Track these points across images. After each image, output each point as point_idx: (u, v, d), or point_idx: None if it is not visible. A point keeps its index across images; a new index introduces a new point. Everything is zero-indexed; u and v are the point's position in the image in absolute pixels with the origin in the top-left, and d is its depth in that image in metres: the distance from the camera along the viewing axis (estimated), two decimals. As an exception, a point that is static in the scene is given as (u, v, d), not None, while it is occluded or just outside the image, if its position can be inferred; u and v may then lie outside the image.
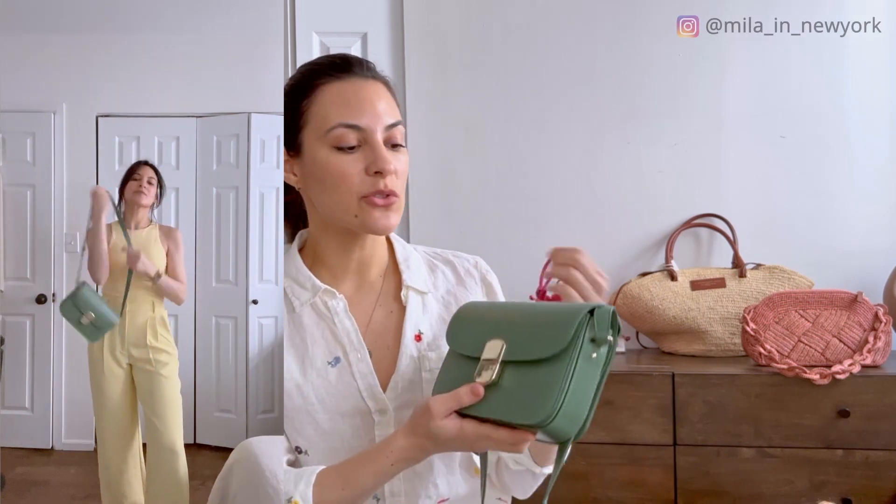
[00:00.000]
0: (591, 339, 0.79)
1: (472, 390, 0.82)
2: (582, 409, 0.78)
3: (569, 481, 1.68)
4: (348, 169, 0.94)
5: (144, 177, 1.85)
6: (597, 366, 0.79)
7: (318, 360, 0.99)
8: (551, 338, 0.80)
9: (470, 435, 0.82)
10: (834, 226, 2.02)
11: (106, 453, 1.77)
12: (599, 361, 0.79)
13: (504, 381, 0.82)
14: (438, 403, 0.84)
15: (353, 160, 0.94)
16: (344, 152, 0.94)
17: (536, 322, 0.84)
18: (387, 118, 0.96)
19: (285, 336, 1.01)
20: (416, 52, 2.19)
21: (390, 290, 1.05)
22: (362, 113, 0.95)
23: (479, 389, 0.82)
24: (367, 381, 0.99)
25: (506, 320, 0.87)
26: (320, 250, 1.03)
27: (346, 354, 0.99)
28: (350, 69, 0.97)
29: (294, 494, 0.89)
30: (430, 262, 1.10)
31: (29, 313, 2.06)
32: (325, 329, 1.00)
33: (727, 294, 1.90)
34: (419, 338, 1.03)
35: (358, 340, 1.00)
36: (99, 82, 2.06)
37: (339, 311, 1.00)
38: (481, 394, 0.82)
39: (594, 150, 2.11)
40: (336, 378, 0.98)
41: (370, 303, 1.04)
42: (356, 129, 0.94)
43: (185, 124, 2.10)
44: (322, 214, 1.00)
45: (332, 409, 0.97)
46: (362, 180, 0.94)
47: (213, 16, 2.07)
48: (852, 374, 1.60)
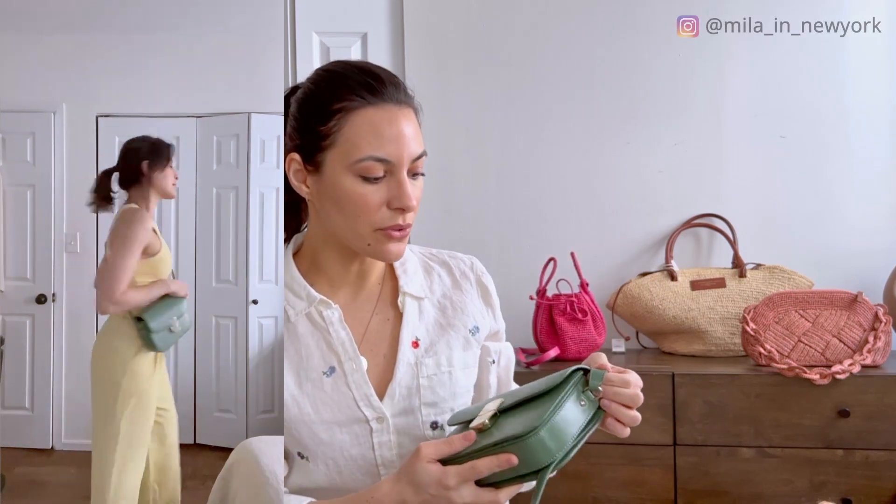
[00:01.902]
0: (582, 391, 0.85)
1: (465, 436, 0.85)
2: (564, 438, 0.81)
3: (569, 481, 1.68)
4: (370, 200, 0.92)
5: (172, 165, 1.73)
6: (584, 413, 0.84)
7: (313, 371, 0.98)
8: (544, 382, 0.86)
9: (452, 477, 0.83)
10: (834, 226, 2.02)
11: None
12: (587, 411, 0.84)
13: (496, 425, 0.86)
14: (429, 446, 0.86)
15: (375, 190, 0.92)
16: (369, 182, 0.92)
17: (532, 382, 0.89)
18: (414, 149, 0.93)
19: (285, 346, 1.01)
20: (416, 52, 2.19)
21: (387, 296, 1.05)
22: (392, 145, 0.91)
23: (472, 434, 0.85)
24: (362, 390, 0.98)
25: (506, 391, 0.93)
26: (320, 260, 1.02)
27: (340, 364, 0.98)
28: (384, 94, 0.93)
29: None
30: (426, 264, 1.09)
31: (29, 313, 2.06)
32: (320, 339, 1.00)
33: (727, 294, 1.90)
34: (416, 344, 1.02)
35: (353, 350, 0.99)
36: (99, 82, 2.06)
37: (333, 321, 0.99)
38: (473, 438, 0.84)
39: (594, 149, 2.11)
40: (331, 388, 0.97)
41: (367, 311, 1.03)
42: (384, 162, 0.91)
43: (185, 124, 2.10)
44: (329, 230, 0.99)
45: (328, 420, 0.97)
46: (382, 213, 0.92)
47: (214, 16, 2.07)
48: (852, 374, 1.60)
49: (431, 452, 0.85)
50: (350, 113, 0.92)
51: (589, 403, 0.84)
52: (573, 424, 0.82)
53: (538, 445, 0.79)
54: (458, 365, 1.03)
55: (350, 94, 0.92)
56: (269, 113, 2.05)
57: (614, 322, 1.99)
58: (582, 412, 0.83)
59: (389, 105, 0.93)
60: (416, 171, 0.94)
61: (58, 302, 2.07)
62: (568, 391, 0.83)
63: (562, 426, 0.81)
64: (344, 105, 0.92)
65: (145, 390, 1.66)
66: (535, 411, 0.83)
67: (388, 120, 0.92)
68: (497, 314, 1.10)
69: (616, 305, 1.98)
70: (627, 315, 1.98)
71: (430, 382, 1.00)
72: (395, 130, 0.92)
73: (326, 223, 0.98)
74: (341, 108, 0.92)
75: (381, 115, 0.92)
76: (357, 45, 2.22)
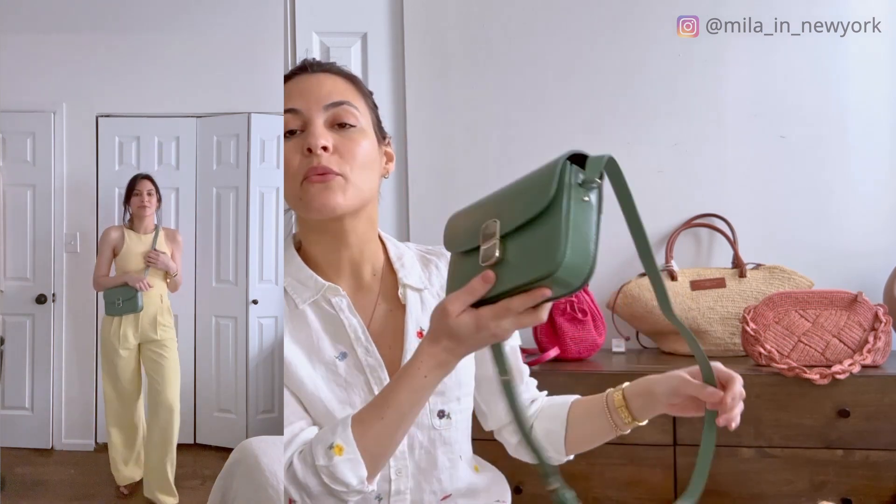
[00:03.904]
0: (580, 184, 0.78)
1: (483, 278, 0.79)
2: (586, 251, 0.75)
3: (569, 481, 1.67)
4: (290, 153, 0.96)
5: (144, 191, 2.03)
6: (591, 209, 0.78)
7: (325, 354, 0.99)
8: (538, 193, 0.78)
9: (488, 319, 0.78)
10: (834, 226, 2.02)
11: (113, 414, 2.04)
12: (592, 205, 0.78)
13: (508, 255, 0.79)
14: (452, 300, 0.81)
15: (294, 144, 0.97)
16: (288, 139, 0.97)
17: (521, 189, 0.82)
18: (326, 98, 0.98)
19: (287, 332, 1.01)
20: (416, 52, 2.19)
21: (387, 289, 1.06)
22: (301, 98, 0.98)
23: (490, 275, 0.79)
24: (376, 374, 0.99)
25: (493, 202, 0.85)
26: (308, 250, 1.05)
27: (353, 349, 1.00)
28: (305, 69, 1.02)
29: (334, 440, 0.86)
30: (423, 258, 1.11)
31: (29, 313, 2.06)
32: (329, 326, 1.01)
33: (727, 294, 1.90)
34: (421, 334, 1.03)
35: (365, 336, 1.00)
36: (99, 82, 2.06)
37: (343, 307, 1.01)
38: (492, 279, 0.79)
39: (594, 149, 2.10)
40: (346, 371, 0.99)
41: (370, 303, 1.05)
42: (294, 113, 0.97)
43: (185, 124, 2.11)
44: (294, 211, 1.02)
45: (343, 401, 0.98)
46: (300, 162, 0.95)
47: (213, 16, 2.07)
48: (852, 374, 1.60)
49: (458, 306, 0.80)
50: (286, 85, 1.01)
51: (590, 193, 0.78)
52: (590, 229, 0.76)
53: (567, 273, 0.74)
54: None
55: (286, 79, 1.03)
56: (269, 113, 2.06)
57: (614, 322, 1.99)
58: (589, 208, 0.77)
59: (305, 74, 1.02)
60: (341, 121, 0.98)
61: (58, 302, 2.07)
62: (569, 197, 0.76)
63: (582, 238, 0.75)
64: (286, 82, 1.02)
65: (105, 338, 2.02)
66: (545, 229, 0.76)
67: (303, 80, 1.00)
68: None
69: (616, 305, 1.98)
70: (627, 315, 1.98)
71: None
72: (304, 86, 0.99)
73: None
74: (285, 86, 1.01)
75: (299, 79, 1.01)
76: (357, 45, 2.22)
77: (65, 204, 2.07)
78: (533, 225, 0.78)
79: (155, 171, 2.07)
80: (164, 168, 2.11)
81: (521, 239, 0.78)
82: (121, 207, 2.07)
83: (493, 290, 0.79)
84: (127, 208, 2.05)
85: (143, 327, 2.01)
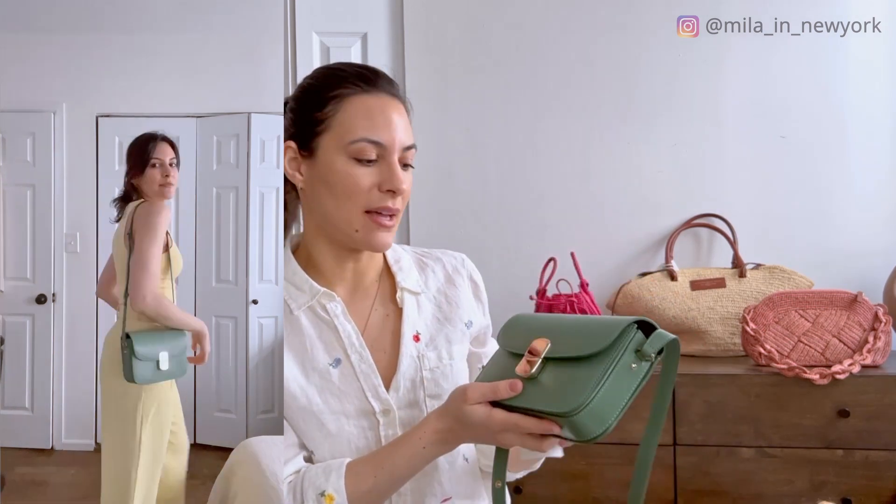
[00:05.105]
0: (636, 351, 0.80)
1: (511, 385, 0.83)
2: (610, 411, 0.78)
3: (569, 481, 1.68)
4: (362, 181, 0.94)
5: (166, 160, 1.53)
6: (634, 378, 0.80)
7: (318, 362, 0.99)
8: (596, 338, 0.81)
9: (497, 423, 0.82)
10: (834, 226, 2.02)
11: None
12: (638, 375, 0.80)
13: (543, 377, 0.83)
14: (474, 389, 0.85)
15: (368, 173, 0.95)
16: (362, 164, 0.95)
17: (585, 325, 0.85)
18: (405, 139, 0.97)
19: (285, 339, 1.01)
20: (416, 52, 2.19)
21: (385, 292, 1.06)
22: (385, 130, 0.95)
23: (518, 385, 0.83)
24: (370, 381, 0.99)
25: (556, 324, 0.89)
26: (314, 256, 1.03)
27: (347, 356, 0.99)
28: (377, 84, 0.98)
29: (326, 488, 0.89)
30: (420, 261, 1.11)
31: (29, 313, 2.06)
32: (324, 331, 1.00)
33: (727, 294, 1.90)
34: (417, 338, 1.03)
35: (359, 342, 1.00)
36: (99, 82, 2.06)
37: (338, 313, 1.01)
38: (519, 389, 0.82)
39: (594, 149, 2.11)
40: (339, 379, 0.99)
41: (366, 306, 1.04)
42: (377, 145, 0.95)
43: (185, 124, 2.10)
44: (320, 221, 1.00)
45: (337, 411, 0.98)
46: (372, 194, 0.95)
47: (213, 15, 2.07)
48: (852, 374, 1.60)
49: (477, 396, 0.84)
50: (345, 99, 0.96)
51: (641, 364, 0.80)
52: (622, 396, 0.78)
53: (583, 422, 0.77)
54: (457, 357, 1.06)
55: (345, 83, 0.97)
56: (269, 113, 2.06)
57: (614, 322, 1.99)
58: (633, 376, 0.79)
59: (382, 94, 0.98)
60: (406, 162, 0.97)
61: (58, 302, 2.07)
62: (619, 357, 0.79)
63: (609, 401, 0.77)
64: (339, 92, 0.96)
65: (165, 398, 1.50)
66: (584, 372, 0.79)
67: (380, 107, 0.96)
68: (486, 310, 1.12)
69: (616, 305, 1.98)
70: (627, 315, 1.97)
71: (433, 375, 1.01)
72: (387, 117, 0.96)
73: (318, 212, 0.99)
74: (337, 95, 0.96)
75: (374, 101, 0.97)
76: (357, 45, 2.22)
77: (65, 204, 2.06)
78: (577, 364, 0.81)
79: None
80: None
81: (561, 370, 0.82)
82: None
83: (514, 401, 0.83)
84: (133, 185, 1.52)
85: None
